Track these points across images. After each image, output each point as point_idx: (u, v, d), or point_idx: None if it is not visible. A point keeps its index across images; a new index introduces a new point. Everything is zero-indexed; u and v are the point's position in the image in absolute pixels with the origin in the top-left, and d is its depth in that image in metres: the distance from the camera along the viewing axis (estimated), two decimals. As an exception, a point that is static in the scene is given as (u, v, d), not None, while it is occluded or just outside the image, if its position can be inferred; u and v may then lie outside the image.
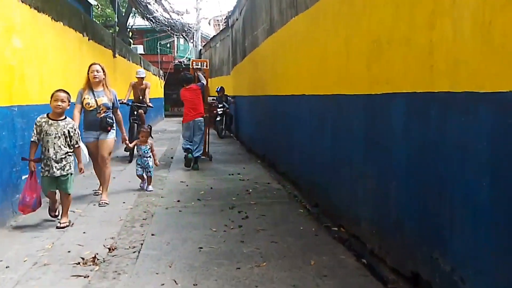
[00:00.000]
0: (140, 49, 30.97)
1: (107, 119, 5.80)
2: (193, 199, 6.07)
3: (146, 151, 6.74)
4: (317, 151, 5.63)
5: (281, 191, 6.61)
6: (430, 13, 2.89)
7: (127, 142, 6.60)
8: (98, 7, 17.98)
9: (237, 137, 14.57)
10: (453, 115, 2.66)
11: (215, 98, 15.62)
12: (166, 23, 17.47)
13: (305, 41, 5.96)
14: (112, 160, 6.82)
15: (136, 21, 31.97)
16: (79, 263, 3.74)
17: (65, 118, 4.79)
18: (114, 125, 5.98)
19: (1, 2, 4.71)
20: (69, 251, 4.02)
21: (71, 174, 4.82)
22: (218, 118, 14.65)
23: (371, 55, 3.96)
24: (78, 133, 4.87)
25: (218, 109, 14.71)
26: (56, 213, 5.05)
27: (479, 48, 2.41)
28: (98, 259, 3.81)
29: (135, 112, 9.81)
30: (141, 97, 10.04)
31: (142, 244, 4.24)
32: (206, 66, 10.05)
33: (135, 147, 6.89)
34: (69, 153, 4.78)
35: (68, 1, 7.65)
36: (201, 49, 26.62)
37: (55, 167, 4.64)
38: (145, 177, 6.71)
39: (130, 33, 23.27)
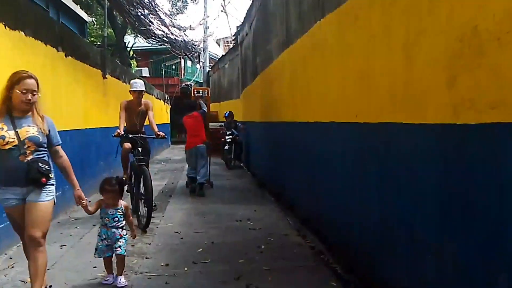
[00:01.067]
0: (145, 71, 29.96)
1: (40, 165, 3.30)
2: (187, 262, 4.51)
3: (115, 218, 4.01)
4: (355, 199, 4.09)
5: (303, 247, 5.03)
6: None
7: (84, 203, 3.74)
8: (94, 24, 16.77)
9: (248, 168, 13.03)
10: None
11: (223, 124, 14.19)
12: (165, 38, 15.92)
13: (335, 50, 4.49)
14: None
15: (143, 42, 31.06)
16: None
17: None
18: (53, 175, 3.47)
19: None
20: None
21: None
22: (226, 147, 13.15)
23: (456, 63, 2.47)
24: None
25: (226, 137, 13.24)
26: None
27: None
28: None
29: (138, 149, 6.39)
30: (138, 125, 6.76)
31: None
32: (208, 94, 10.82)
33: (100, 211, 4.06)
34: None
35: (40, 6, 6.24)
36: (209, 71, 25.33)
37: None
38: (114, 259, 4.05)
39: (132, 54, 21.94)
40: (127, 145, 6.47)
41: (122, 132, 6.36)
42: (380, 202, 3.52)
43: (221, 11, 28.05)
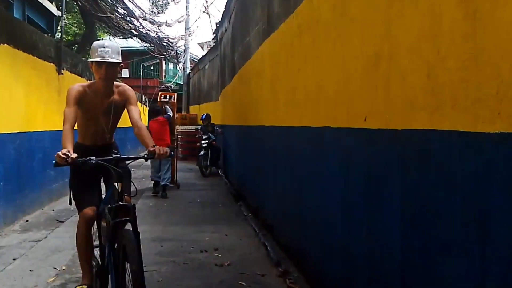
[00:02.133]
0: (125, 72, 28.59)
1: None
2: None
3: None
4: (361, 231, 2.88)
5: (286, 295, 3.80)
6: None
7: None
8: (65, 19, 15.36)
9: (226, 175, 11.77)
10: None
11: (199, 127, 12.93)
12: (132, 31, 14.45)
13: (333, 30, 3.28)
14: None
15: (123, 43, 29.66)
16: None
17: None
18: None
19: None
20: None
21: None
22: (202, 152, 11.86)
23: None
24: None
25: (202, 141, 11.96)
26: None
27: None
28: None
29: (114, 184, 3.01)
30: (107, 132, 3.54)
31: None
32: (174, 99, 10.36)
33: None
34: None
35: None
36: (189, 73, 24.07)
37: None
38: None
39: None
40: (88, 211, 3.36)
41: (73, 155, 2.81)
42: (407, 240, 2.31)
43: (203, 12, 26.82)
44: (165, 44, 17.86)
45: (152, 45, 17.34)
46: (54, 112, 7.87)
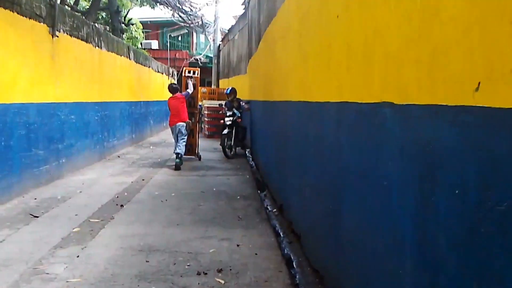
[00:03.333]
0: (154, 44, 27.48)
1: None
2: None
3: None
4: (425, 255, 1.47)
5: None
6: None
7: None
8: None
9: (253, 157, 10.44)
10: None
11: (224, 103, 11.58)
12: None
13: None
14: None
15: (153, 14, 28.40)
16: None
17: None
18: None
19: None
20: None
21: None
22: (225, 131, 10.52)
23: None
24: None
25: (226, 118, 10.62)
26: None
27: None
28: None
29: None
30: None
31: None
32: (197, 74, 10.34)
33: None
34: None
35: None
36: (219, 45, 22.62)
37: None
38: None
39: (128, 22, 19.01)
40: None
41: None
42: None
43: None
44: (187, 9, 16.38)
45: (170, 8, 15.92)
46: (45, 81, 6.68)
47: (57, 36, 7.05)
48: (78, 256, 3.86)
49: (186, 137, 9.33)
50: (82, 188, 6.67)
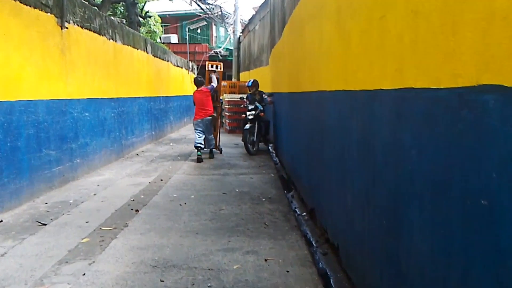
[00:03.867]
0: (173, 38, 27.07)
1: None
2: None
3: None
4: None
5: None
6: None
7: None
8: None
9: (276, 152, 9.86)
10: None
11: (245, 96, 11.00)
12: None
13: None
14: None
15: (171, 7, 27.94)
16: None
17: None
18: None
19: None
20: None
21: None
22: (247, 126, 9.95)
23: None
24: None
25: (248, 113, 10.05)
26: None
27: None
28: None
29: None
30: None
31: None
32: (220, 69, 10.30)
33: None
34: None
35: None
36: (239, 36, 22.03)
37: None
38: None
39: (145, 15, 18.41)
40: None
41: None
42: None
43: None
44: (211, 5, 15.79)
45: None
46: (55, 76, 6.21)
47: (67, 28, 6.57)
48: (84, 274, 3.35)
49: (211, 131, 9.44)
50: (97, 190, 6.20)
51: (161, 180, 6.98)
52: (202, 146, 9.10)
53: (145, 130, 11.44)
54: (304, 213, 5.25)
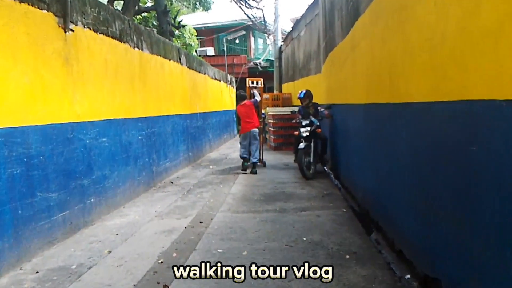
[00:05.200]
0: (210, 51, 25.76)
1: None
2: None
3: None
4: None
5: None
6: None
7: None
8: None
9: (335, 174, 8.08)
10: None
11: (297, 110, 9.31)
12: None
13: None
14: None
15: (207, 19, 26.71)
16: None
17: None
18: None
19: None
20: None
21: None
22: (301, 145, 8.23)
23: None
24: None
25: (302, 129, 8.33)
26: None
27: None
28: None
29: None
30: None
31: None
32: (261, 84, 10.52)
33: None
34: None
35: None
36: (281, 46, 20.40)
37: None
38: None
39: (189, 30, 17.13)
40: None
41: None
42: None
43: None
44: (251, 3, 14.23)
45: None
46: (56, 93, 4.70)
47: (72, 31, 5.07)
48: None
49: (258, 144, 9.42)
50: (114, 243, 4.61)
51: (201, 222, 5.33)
52: (248, 157, 9.26)
53: (180, 152, 9.88)
54: (408, 277, 3.48)
